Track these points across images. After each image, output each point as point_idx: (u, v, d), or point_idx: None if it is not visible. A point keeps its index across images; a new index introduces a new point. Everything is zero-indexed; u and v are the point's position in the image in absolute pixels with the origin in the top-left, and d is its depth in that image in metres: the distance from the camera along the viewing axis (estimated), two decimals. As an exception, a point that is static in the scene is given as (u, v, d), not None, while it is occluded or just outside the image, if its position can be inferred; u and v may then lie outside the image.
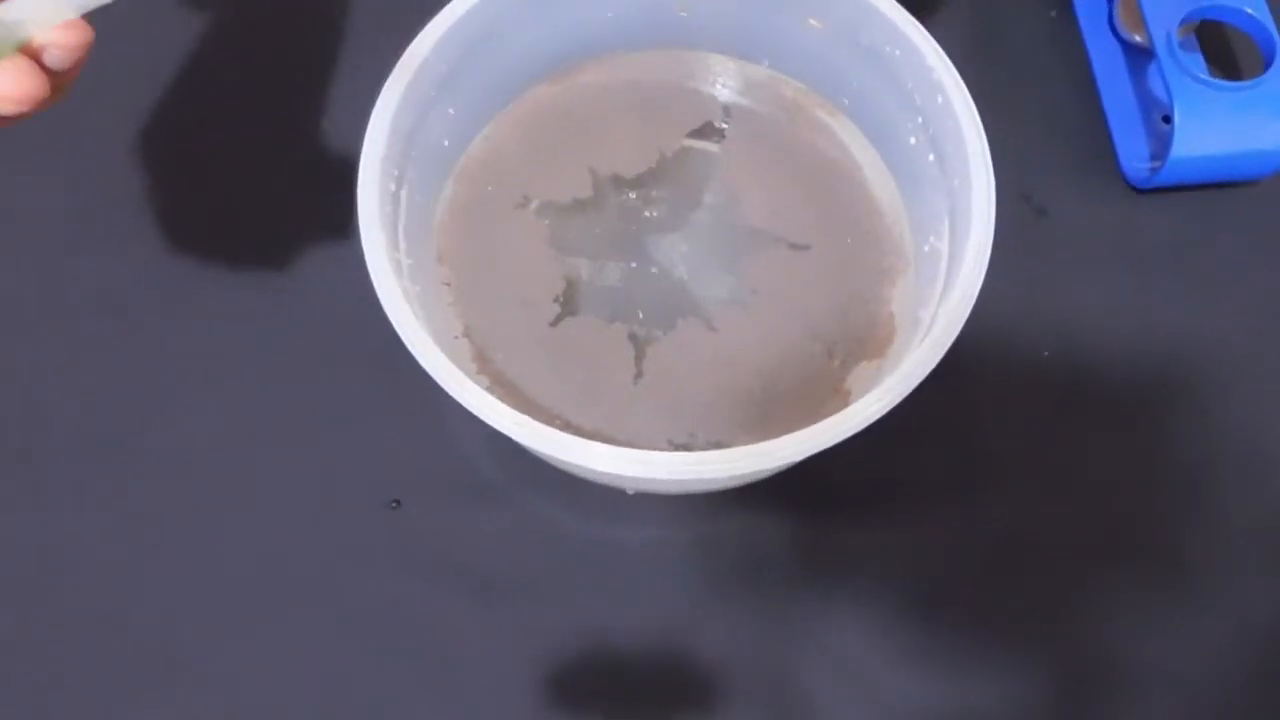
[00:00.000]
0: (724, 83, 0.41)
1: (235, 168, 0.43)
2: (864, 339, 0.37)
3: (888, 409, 0.31)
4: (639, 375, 0.37)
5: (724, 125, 0.40)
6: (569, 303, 0.38)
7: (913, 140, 0.37)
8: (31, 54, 0.27)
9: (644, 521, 0.38)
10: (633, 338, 0.38)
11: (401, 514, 0.38)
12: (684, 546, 0.38)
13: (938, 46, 0.34)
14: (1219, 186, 0.42)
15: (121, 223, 0.42)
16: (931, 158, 0.36)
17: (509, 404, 0.31)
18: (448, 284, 0.38)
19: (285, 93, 0.44)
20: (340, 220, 0.41)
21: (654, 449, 0.30)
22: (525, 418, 0.30)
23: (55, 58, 0.27)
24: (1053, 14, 0.45)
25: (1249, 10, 0.40)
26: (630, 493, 0.37)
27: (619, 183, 0.40)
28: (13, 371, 0.40)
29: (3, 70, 0.26)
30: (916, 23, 0.35)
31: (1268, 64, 0.39)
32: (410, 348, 0.31)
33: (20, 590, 0.37)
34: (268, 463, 0.38)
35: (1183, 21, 0.40)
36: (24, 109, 0.27)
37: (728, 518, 0.38)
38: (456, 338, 0.37)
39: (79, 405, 0.39)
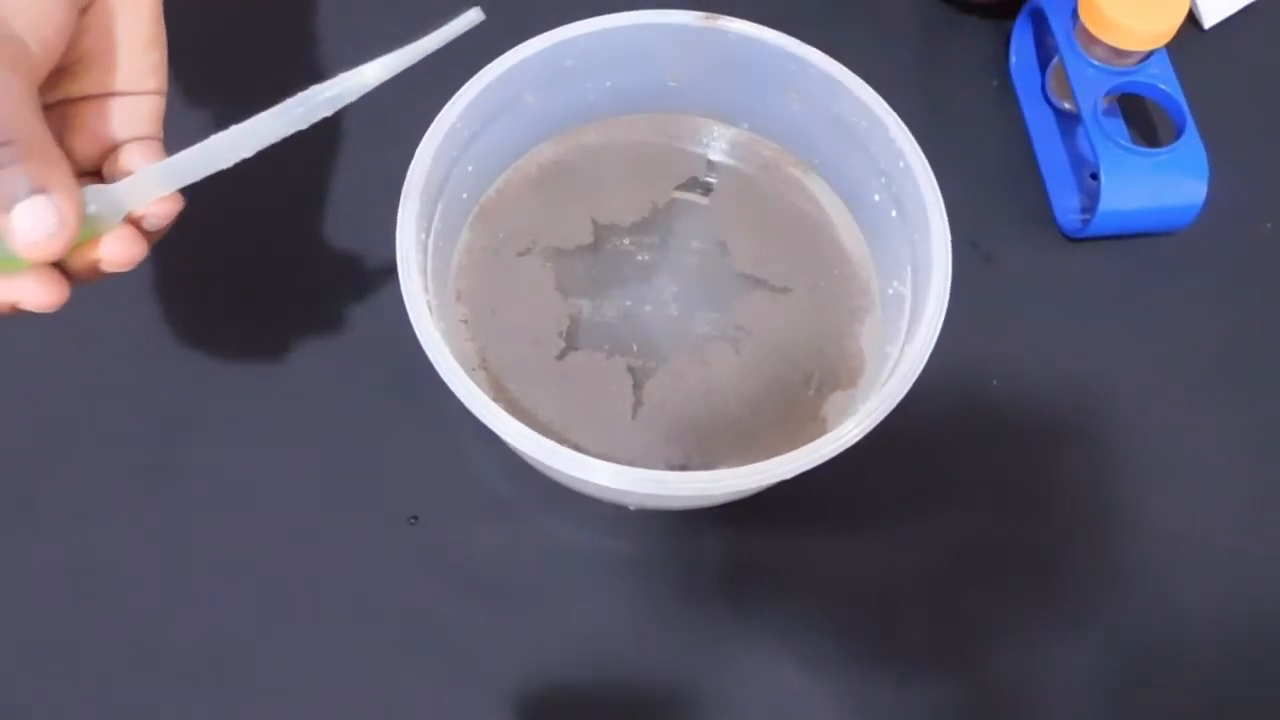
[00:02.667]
0: (709, 143, 0.46)
1: (283, 221, 0.46)
2: (837, 371, 0.42)
3: (863, 435, 0.35)
4: (638, 404, 0.41)
5: (710, 180, 0.45)
6: (573, 338, 0.42)
7: (877, 197, 0.42)
8: (133, 222, 0.31)
9: (644, 535, 0.42)
10: (631, 370, 0.42)
11: (419, 528, 0.41)
12: (680, 558, 0.41)
13: (898, 119, 0.40)
14: (1142, 236, 0.47)
15: (178, 261, 0.45)
16: (894, 213, 0.41)
17: (532, 430, 0.35)
18: (465, 321, 0.42)
19: (327, 152, 0.47)
20: (373, 266, 0.45)
21: (653, 469, 0.35)
22: (548, 440, 0.35)
23: (152, 224, 0.31)
24: (995, 84, 0.51)
25: (1162, 86, 0.46)
26: (632, 509, 0.41)
27: (616, 230, 0.44)
28: (60, 395, 0.43)
29: (114, 239, 0.30)
30: (880, 99, 0.40)
31: (1179, 133, 0.45)
32: (445, 378, 0.35)
33: (59, 600, 0.40)
34: (297, 481, 0.42)
35: (1105, 94, 0.46)
36: (126, 270, 0.31)
37: (715, 531, 0.42)
38: (474, 369, 0.41)
39: (122, 426, 0.42)
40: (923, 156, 0.39)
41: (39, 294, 0.29)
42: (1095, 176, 0.46)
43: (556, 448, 0.35)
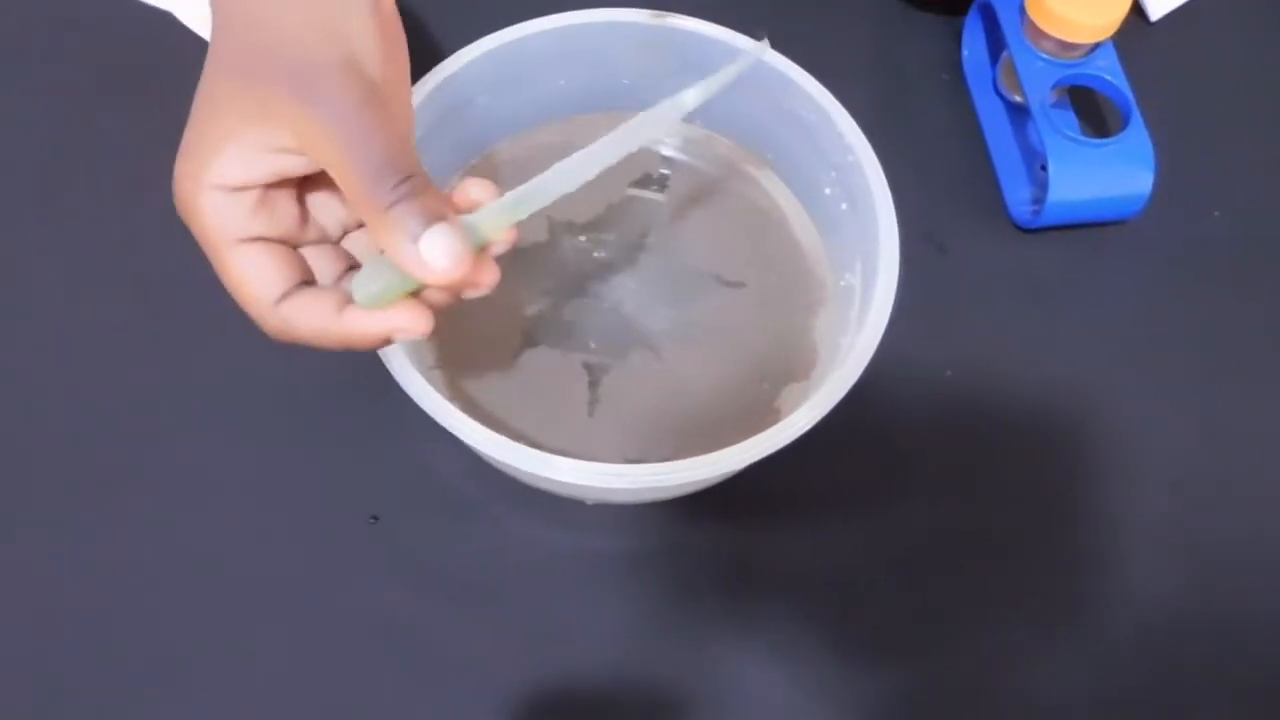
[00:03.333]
0: (663, 140, 0.46)
1: None
2: (791, 364, 0.43)
3: (813, 424, 0.36)
4: (595, 400, 0.42)
5: (665, 173, 0.46)
6: (530, 336, 0.43)
7: (828, 191, 0.42)
8: (484, 249, 0.32)
9: (603, 531, 0.42)
10: (587, 366, 0.42)
11: (380, 527, 0.41)
12: (639, 551, 0.42)
13: (846, 113, 0.40)
14: (1092, 226, 0.48)
15: (126, 261, 0.45)
16: (844, 206, 0.41)
17: (486, 428, 0.35)
18: (422, 321, 0.42)
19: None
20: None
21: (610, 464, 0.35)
22: (502, 436, 0.35)
23: (499, 250, 0.33)
24: (946, 78, 0.51)
25: (1108, 78, 0.46)
26: (589, 503, 0.42)
27: (571, 228, 0.45)
28: (15, 398, 0.43)
29: (481, 266, 0.31)
30: (829, 94, 0.40)
31: (1126, 122, 0.46)
32: (397, 378, 0.35)
33: (13, 603, 0.40)
34: (257, 482, 0.42)
35: (1053, 86, 0.46)
36: (484, 293, 0.32)
37: (676, 525, 0.42)
38: (431, 368, 0.42)
39: (81, 429, 0.42)
40: (870, 149, 0.39)
41: (414, 322, 0.31)
42: (1045, 168, 0.46)
43: (509, 443, 0.35)
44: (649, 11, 0.41)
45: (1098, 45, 0.46)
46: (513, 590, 0.41)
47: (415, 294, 0.31)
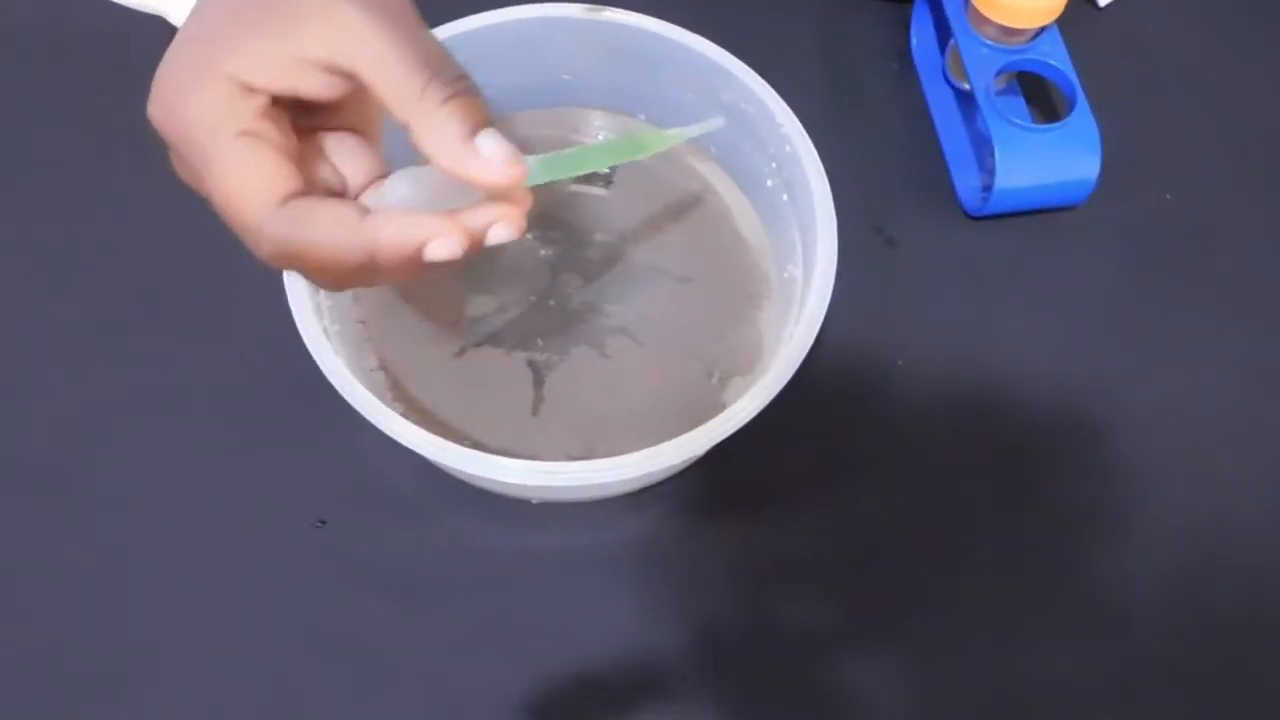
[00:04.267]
0: (606, 135, 0.46)
1: (177, 220, 0.44)
2: (737, 358, 0.42)
3: (753, 415, 0.36)
4: (540, 399, 0.41)
5: (608, 171, 0.45)
6: (473, 334, 0.42)
7: (770, 183, 0.42)
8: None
9: (550, 529, 0.42)
10: (532, 364, 0.42)
11: (327, 532, 0.41)
12: (588, 549, 0.41)
13: (784, 104, 0.40)
14: (1042, 212, 0.48)
15: (61, 262, 0.45)
16: (785, 197, 0.41)
17: (424, 429, 0.35)
18: (363, 321, 0.42)
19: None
20: (265, 267, 0.45)
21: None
22: (435, 437, 0.35)
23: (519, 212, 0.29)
24: (895, 67, 0.51)
25: (1053, 63, 0.46)
26: (535, 502, 0.41)
27: (517, 226, 0.44)
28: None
29: (519, 200, 0.29)
30: (765, 84, 0.40)
31: (1071, 107, 0.45)
32: (332, 380, 0.35)
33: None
34: (201, 489, 0.42)
35: (998, 73, 0.46)
36: (512, 236, 0.29)
37: (625, 522, 0.42)
38: (373, 370, 0.41)
39: (19, 431, 0.42)
40: (808, 140, 0.39)
41: (451, 234, 0.27)
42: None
43: (446, 444, 0.35)
44: (584, 5, 0.41)
45: (1043, 30, 0.46)
46: (462, 591, 0.41)
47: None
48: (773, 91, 0.40)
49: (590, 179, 0.45)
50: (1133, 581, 0.42)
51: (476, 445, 0.40)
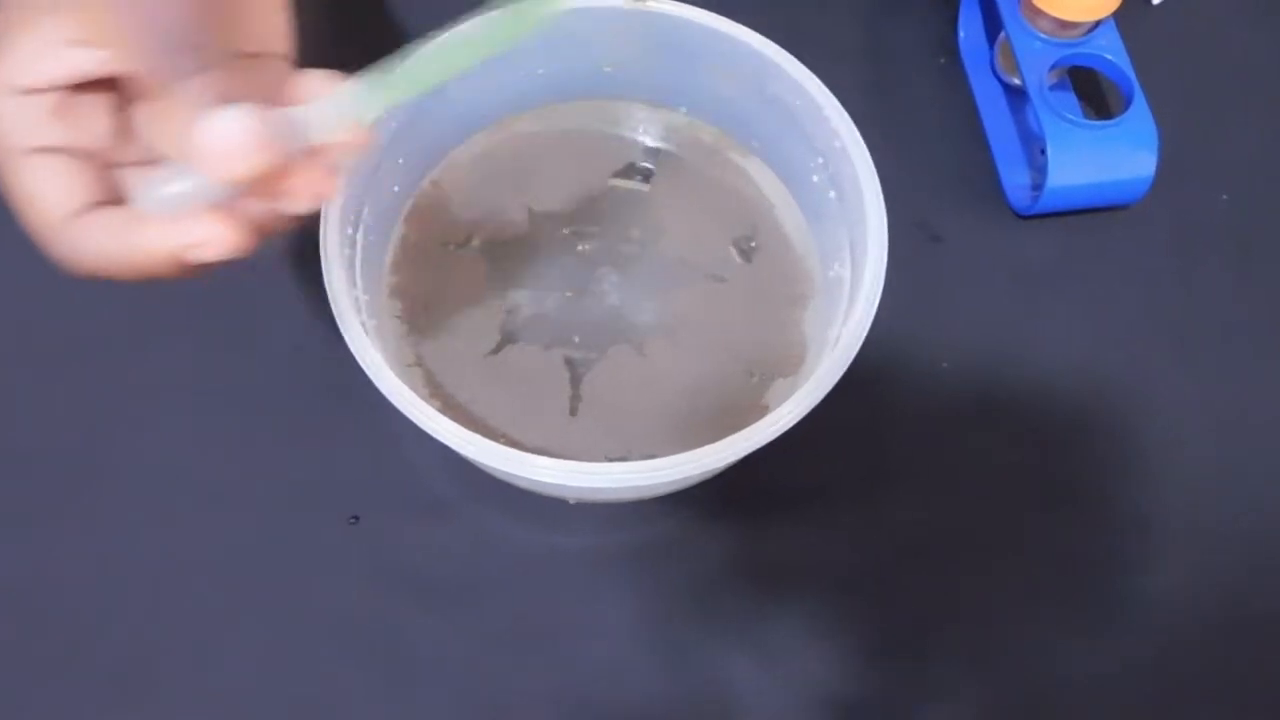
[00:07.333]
0: (646, 129, 0.45)
1: None
2: (779, 358, 0.41)
3: (798, 419, 0.35)
4: (577, 397, 0.41)
5: (648, 166, 0.44)
6: (510, 331, 0.42)
7: (815, 179, 0.41)
8: (318, 154, 0.27)
9: (586, 530, 0.41)
10: (569, 362, 0.41)
11: (360, 528, 0.41)
12: (624, 551, 0.41)
13: (833, 97, 0.39)
14: (1093, 211, 0.46)
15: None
16: (832, 194, 0.40)
17: (459, 425, 0.34)
18: (399, 317, 0.42)
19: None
20: (304, 262, 0.44)
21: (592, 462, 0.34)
22: (474, 434, 0.34)
23: (341, 158, 0.28)
24: (942, 61, 0.50)
25: (1109, 57, 0.45)
26: (572, 502, 0.41)
27: (554, 220, 0.43)
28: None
29: (302, 168, 0.26)
30: (813, 76, 0.39)
31: (1128, 103, 0.44)
32: (370, 376, 0.34)
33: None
34: (236, 484, 0.41)
35: (1052, 67, 0.45)
36: (311, 207, 0.27)
37: (661, 524, 0.41)
38: (409, 366, 0.41)
39: (54, 431, 0.42)
40: (857, 135, 0.38)
41: (215, 234, 0.26)
42: (1044, 152, 0.45)
43: (485, 442, 0.34)
44: (628, -3, 0.40)
45: (1098, 24, 0.45)
46: (496, 591, 0.40)
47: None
48: (821, 85, 0.39)
49: (628, 174, 0.44)
50: (1177, 587, 0.41)
51: (512, 443, 0.39)
